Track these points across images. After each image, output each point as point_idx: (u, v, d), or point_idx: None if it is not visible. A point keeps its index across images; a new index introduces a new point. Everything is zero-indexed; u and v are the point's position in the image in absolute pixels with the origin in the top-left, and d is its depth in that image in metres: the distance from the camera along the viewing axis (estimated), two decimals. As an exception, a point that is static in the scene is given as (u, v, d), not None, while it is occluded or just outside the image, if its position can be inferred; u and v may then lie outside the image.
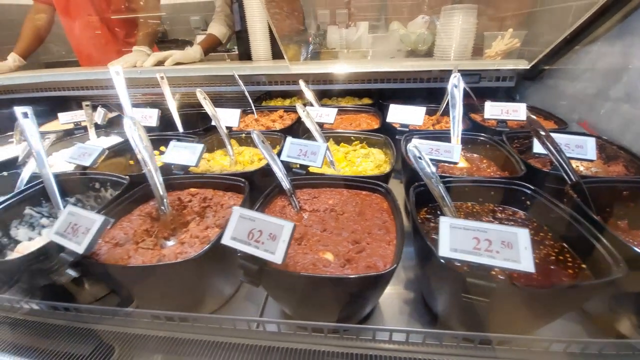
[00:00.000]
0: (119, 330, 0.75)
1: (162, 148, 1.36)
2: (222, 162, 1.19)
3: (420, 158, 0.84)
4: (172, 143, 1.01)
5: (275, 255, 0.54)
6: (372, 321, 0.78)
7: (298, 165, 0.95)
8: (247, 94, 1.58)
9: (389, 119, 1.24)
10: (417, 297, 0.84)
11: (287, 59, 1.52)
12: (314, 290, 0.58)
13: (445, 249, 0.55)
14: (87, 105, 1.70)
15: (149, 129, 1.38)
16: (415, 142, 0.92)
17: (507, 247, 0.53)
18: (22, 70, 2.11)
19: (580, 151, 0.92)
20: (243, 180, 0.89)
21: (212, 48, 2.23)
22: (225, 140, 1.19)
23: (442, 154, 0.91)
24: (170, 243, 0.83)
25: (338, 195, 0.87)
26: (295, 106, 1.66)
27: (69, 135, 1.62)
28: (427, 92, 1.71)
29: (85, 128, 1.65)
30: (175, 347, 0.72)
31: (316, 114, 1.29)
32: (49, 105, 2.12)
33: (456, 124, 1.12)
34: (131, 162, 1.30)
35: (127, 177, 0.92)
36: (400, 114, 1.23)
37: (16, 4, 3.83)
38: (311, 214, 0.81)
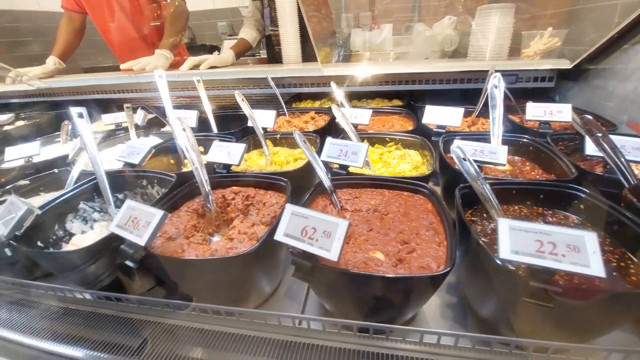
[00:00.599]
0: (165, 322, 0.78)
1: (200, 148, 1.41)
2: (258, 162, 1.22)
3: (464, 159, 0.82)
4: (215, 143, 1.04)
5: (331, 253, 0.54)
6: (415, 324, 0.77)
7: (337, 165, 0.95)
8: (279, 96, 1.61)
9: (425, 120, 1.23)
10: (460, 301, 0.82)
11: (319, 61, 1.53)
12: (366, 289, 0.58)
13: (505, 251, 0.53)
14: (127, 108, 1.79)
15: (187, 130, 1.44)
16: (458, 143, 0.91)
17: (574, 250, 0.51)
18: (63, 75, 2.25)
19: (638, 154, 0.87)
20: (285, 179, 0.90)
21: (243, 52, 2.29)
22: (262, 140, 1.21)
23: (487, 155, 0.89)
24: (215, 239, 0.85)
25: (379, 195, 0.86)
26: (326, 108, 1.67)
27: (111, 136, 1.71)
28: (459, 93, 1.67)
29: (126, 129, 1.73)
30: (217, 340, 0.73)
31: (350, 115, 1.29)
32: (87, 107, 2.26)
33: (496, 126, 1.09)
34: (171, 161, 1.35)
35: (175, 175, 0.96)
36: (436, 115, 1.21)
37: (48, 11, 4.01)
38: (353, 213, 0.81)
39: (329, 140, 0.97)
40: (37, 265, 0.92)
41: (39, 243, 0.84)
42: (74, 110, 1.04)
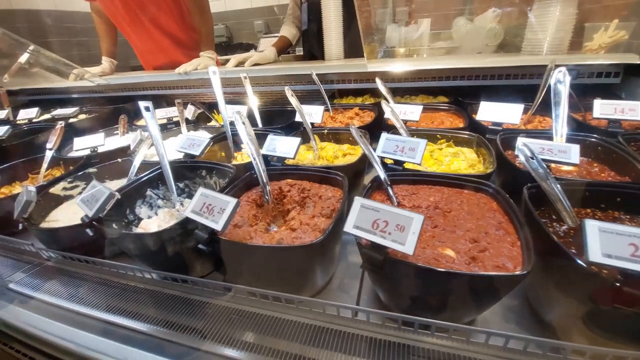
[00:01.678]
0: (222, 304, 0.82)
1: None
2: (307, 156, 1.24)
3: (532, 158, 0.79)
4: (270, 136, 1.07)
5: (406, 247, 0.54)
6: (475, 326, 0.75)
7: (392, 161, 0.95)
8: (323, 92, 1.62)
9: (479, 117, 1.18)
10: (523, 304, 0.79)
11: (365, 57, 1.52)
12: (440, 286, 0.58)
13: (595, 253, 0.50)
14: (178, 103, 1.89)
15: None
16: (524, 140, 0.87)
17: (678, 257, 0.47)
18: (117, 73, 2.40)
19: None
20: (341, 174, 0.91)
21: (284, 49, 2.32)
22: (311, 135, 1.23)
23: (557, 154, 0.84)
24: (273, 229, 0.88)
25: (438, 192, 0.85)
26: (370, 104, 1.66)
27: (163, 129, 1.81)
28: (510, 90, 1.59)
29: (176, 123, 1.83)
30: (273, 325, 0.76)
31: (400, 111, 1.27)
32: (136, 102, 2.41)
33: (560, 123, 1.02)
34: (222, 154, 1.41)
35: (233, 166, 1.00)
36: (492, 112, 1.16)
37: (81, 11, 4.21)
38: (412, 209, 0.80)
39: (385, 135, 0.96)
40: (108, 246, 1.01)
41: (114, 225, 0.91)
42: (142, 104, 1.11)
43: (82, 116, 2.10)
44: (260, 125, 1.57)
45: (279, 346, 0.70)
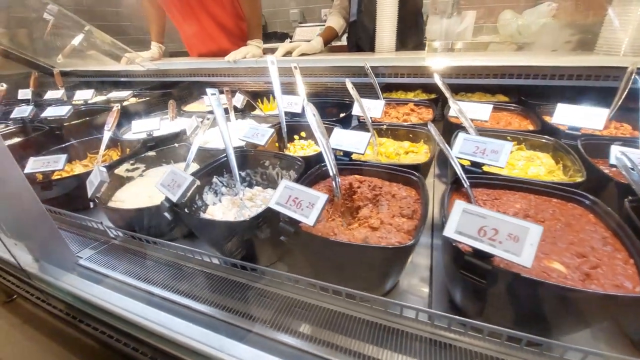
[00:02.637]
0: (282, 294, 0.82)
1: (303, 134, 1.45)
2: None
3: (632, 169, 0.73)
4: (336, 130, 1.05)
5: (522, 258, 0.51)
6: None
7: (470, 163, 0.90)
8: (376, 85, 1.57)
9: (555, 120, 1.11)
10: (611, 324, 0.74)
11: (426, 51, 1.46)
12: (549, 300, 0.54)
13: None
14: (227, 91, 1.90)
15: (291, 115, 1.48)
16: (622, 149, 0.80)
17: None
18: (164, 59, 2.44)
19: None
20: (416, 173, 0.88)
21: (331, 40, 2.28)
22: (371, 130, 1.20)
23: (661, 166, 0.77)
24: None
25: (523, 199, 0.80)
26: (426, 100, 1.60)
27: (206, 117, 1.83)
28: (578, 90, 1.49)
29: (225, 110, 1.85)
30: (332, 318, 0.75)
31: (467, 110, 1.21)
32: (185, 89, 2.44)
33: (651, 131, 0.94)
34: (276, 144, 1.40)
35: (302, 159, 0.99)
36: (571, 115, 1.09)
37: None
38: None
39: (462, 135, 0.92)
40: (177, 229, 1.03)
41: (185, 210, 0.92)
42: (209, 91, 1.12)
43: (133, 99, 2.16)
44: (309, 116, 1.55)
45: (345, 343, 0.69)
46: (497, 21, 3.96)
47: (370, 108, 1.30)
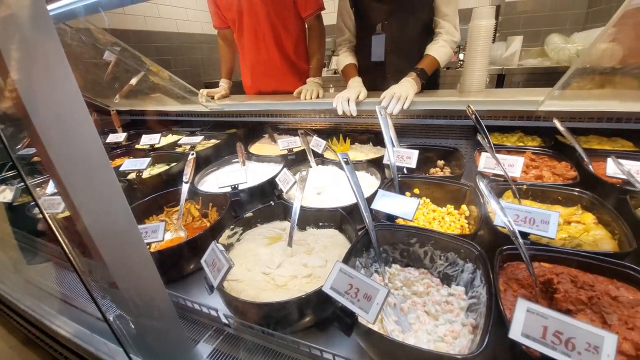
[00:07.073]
0: None
1: (416, 190, 1.28)
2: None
3: None
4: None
5: None
6: None
7: None
8: (485, 131, 1.41)
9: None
10: None
11: (545, 95, 1.31)
12: None
13: None
14: (302, 133, 1.79)
15: (399, 169, 1.32)
16: None
17: None
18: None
19: None
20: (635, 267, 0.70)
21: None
22: (515, 192, 1.03)
23: None
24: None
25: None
26: (549, 148, 1.40)
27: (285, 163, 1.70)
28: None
29: (298, 154, 1.73)
30: None
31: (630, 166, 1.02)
32: (246, 129, 2.33)
33: None
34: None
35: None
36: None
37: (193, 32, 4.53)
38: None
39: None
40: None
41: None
42: (341, 156, 0.99)
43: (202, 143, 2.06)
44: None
45: None
46: (545, 44, 3.85)
47: (505, 164, 1.13)
